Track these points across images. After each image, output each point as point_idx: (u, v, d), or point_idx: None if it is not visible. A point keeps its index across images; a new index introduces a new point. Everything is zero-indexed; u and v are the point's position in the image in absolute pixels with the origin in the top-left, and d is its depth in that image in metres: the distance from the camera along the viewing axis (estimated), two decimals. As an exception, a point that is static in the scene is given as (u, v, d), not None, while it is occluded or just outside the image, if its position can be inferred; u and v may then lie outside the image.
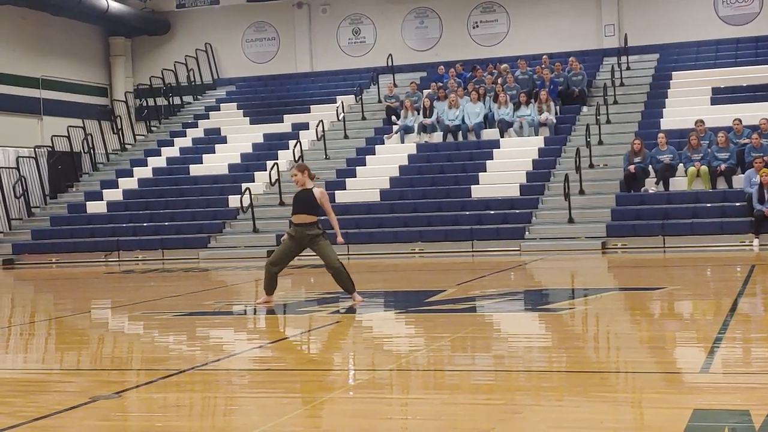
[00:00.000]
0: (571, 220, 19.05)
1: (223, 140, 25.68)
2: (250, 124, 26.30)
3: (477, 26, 27.46)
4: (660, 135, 19.92)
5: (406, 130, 23.35)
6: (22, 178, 23.97)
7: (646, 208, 19.04)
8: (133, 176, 24.55)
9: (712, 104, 22.26)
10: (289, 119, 25.88)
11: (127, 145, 27.27)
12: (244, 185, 21.95)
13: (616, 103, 23.21)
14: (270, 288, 10.82)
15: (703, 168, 19.15)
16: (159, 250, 20.86)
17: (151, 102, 28.34)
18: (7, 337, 9.86)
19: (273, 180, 22.26)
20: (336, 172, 22.57)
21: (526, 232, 19.12)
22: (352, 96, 26.40)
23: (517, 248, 18.56)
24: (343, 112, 25.30)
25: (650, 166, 19.63)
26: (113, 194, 23.79)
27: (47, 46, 27.03)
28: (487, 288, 12.48)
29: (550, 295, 11.99)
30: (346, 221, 20.50)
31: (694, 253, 17.02)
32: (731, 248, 17.37)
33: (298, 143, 23.51)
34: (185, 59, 28.66)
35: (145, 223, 22.01)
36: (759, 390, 5.81)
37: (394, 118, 24.20)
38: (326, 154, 23.54)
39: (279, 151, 24.00)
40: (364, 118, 25.30)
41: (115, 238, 21.57)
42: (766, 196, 17.61)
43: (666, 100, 23.07)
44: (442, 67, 25.57)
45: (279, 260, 10.76)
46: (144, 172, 24.64)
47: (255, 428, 5.24)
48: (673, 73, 24.28)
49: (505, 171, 21.07)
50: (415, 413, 5.60)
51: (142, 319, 10.48)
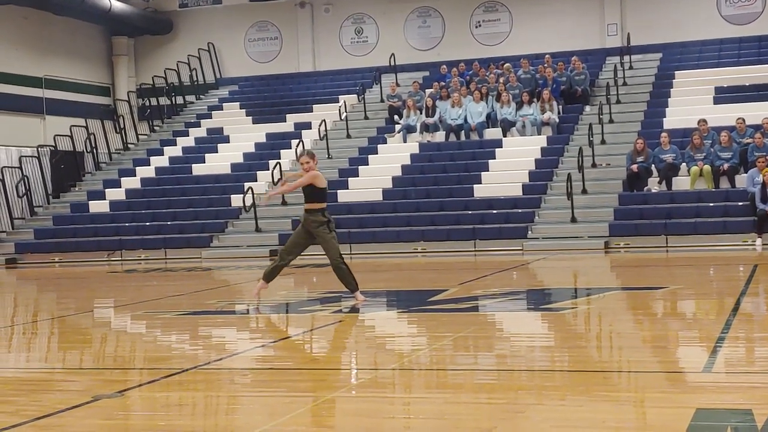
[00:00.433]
0: (573, 220, 19.04)
1: (226, 140, 25.69)
2: (253, 124, 26.31)
3: (479, 26, 27.45)
4: (663, 134, 19.91)
5: (409, 130, 23.35)
6: (25, 178, 24.00)
7: (649, 208, 19.02)
8: (135, 176, 24.56)
9: (714, 103, 22.24)
10: (292, 119, 25.89)
11: (129, 145, 27.28)
12: (247, 185, 21.95)
13: (618, 102, 23.19)
14: (270, 276, 10.90)
15: (706, 167, 19.13)
16: (162, 250, 20.88)
17: (153, 101, 28.35)
18: (10, 336, 9.87)
19: (275, 179, 22.25)
20: (338, 172, 22.57)
21: (529, 232, 19.11)
22: (355, 95, 26.41)
23: (520, 248, 18.55)
24: (346, 112, 25.30)
25: (653, 166, 19.62)
26: (116, 194, 23.81)
27: (50, 46, 27.05)
28: (490, 287, 12.47)
29: (552, 295, 11.99)
30: (349, 220, 20.53)
31: (696, 253, 17.00)
32: (734, 248, 17.35)
33: (301, 143, 23.52)
34: (188, 59, 28.67)
35: (148, 223, 22.02)
36: (761, 389, 5.81)
37: (396, 117, 24.20)
38: (329, 154, 23.54)
39: (281, 151, 24.02)
40: (366, 118, 25.30)
41: (118, 237, 21.59)
42: (769, 196, 17.58)
43: (669, 100, 23.05)
44: (445, 67, 25.56)
45: (291, 248, 10.90)
46: (147, 172, 24.65)
47: (257, 427, 5.24)
48: (675, 72, 24.27)
49: (508, 170, 21.07)
50: (418, 412, 5.60)
51: (144, 318, 10.48)
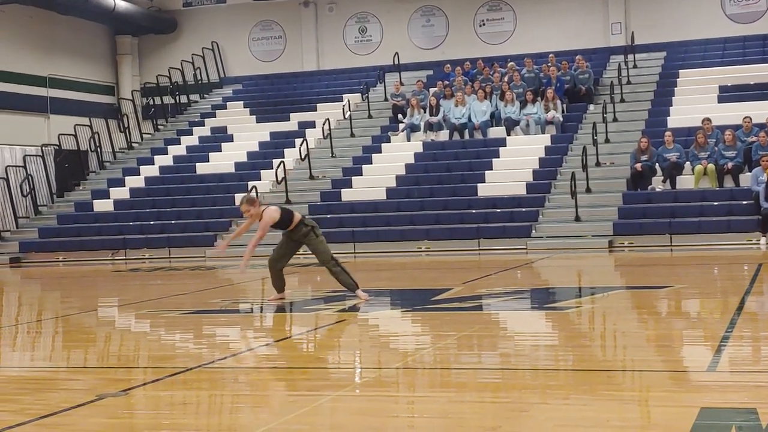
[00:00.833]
0: (577, 219, 19.02)
1: (230, 139, 25.70)
2: (257, 123, 26.32)
3: (483, 24, 27.43)
4: (667, 133, 19.88)
5: (413, 129, 23.34)
6: (29, 177, 24.01)
7: (653, 207, 19.00)
8: (139, 174, 24.58)
9: (719, 102, 22.21)
10: (296, 117, 25.89)
11: (133, 144, 27.30)
12: (251, 183, 21.97)
13: (623, 101, 23.16)
14: (279, 286, 10.93)
15: (710, 166, 19.11)
16: (166, 249, 20.89)
17: (157, 100, 28.37)
18: (15, 335, 9.89)
19: (279, 178, 22.26)
20: (342, 171, 22.58)
21: (533, 231, 19.10)
22: (359, 94, 26.40)
23: (524, 246, 18.54)
24: (350, 111, 25.30)
25: (657, 165, 19.60)
26: (120, 192, 23.82)
27: (54, 45, 27.07)
28: (494, 286, 12.47)
29: (556, 294, 11.99)
30: (353, 219, 20.54)
31: (701, 252, 16.99)
32: (738, 246, 17.33)
33: (305, 141, 23.52)
34: (192, 58, 28.68)
35: (152, 222, 22.04)
36: (766, 388, 5.80)
37: (400, 116, 24.19)
38: (332, 153, 23.54)
39: (285, 150, 24.02)
40: (370, 117, 25.30)
41: (122, 236, 21.60)
42: (774, 195, 17.56)
43: (673, 98, 23.02)
44: (449, 66, 25.55)
45: (278, 257, 10.91)
46: (151, 171, 24.66)
47: (262, 426, 5.24)
48: (680, 71, 24.24)
49: (512, 169, 21.05)
50: (422, 411, 5.60)
51: (148, 317, 10.49)
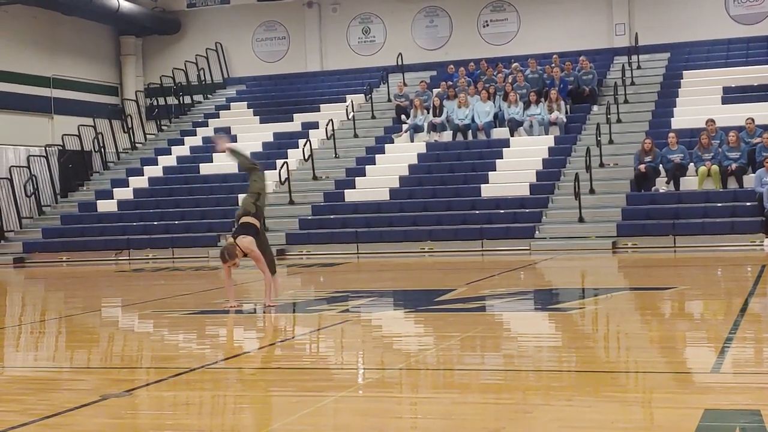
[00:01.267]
0: (581, 220, 19.01)
1: (234, 139, 25.62)
2: (260, 123, 26.32)
3: (487, 25, 27.42)
4: (671, 134, 19.87)
5: (416, 129, 23.34)
6: (33, 177, 24.04)
7: (657, 208, 18.99)
8: (143, 175, 24.59)
9: (723, 103, 22.18)
10: (299, 118, 25.90)
11: (137, 144, 27.32)
12: (254, 184, 21.94)
13: (626, 102, 23.15)
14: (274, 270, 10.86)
15: (714, 167, 19.09)
16: (169, 249, 20.90)
17: (161, 101, 28.39)
18: (18, 335, 9.90)
19: (283, 179, 22.28)
20: (345, 171, 22.58)
21: (536, 232, 19.08)
22: (362, 95, 26.40)
23: (527, 247, 18.53)
24: (353, 111, 25.30)
25: (661, 166, 19.58)
26: (124, 193, 23.84)
27: (58, 46, 27.10)
28: (497, 287, 12.47)
29: (560, 295, 11.98)
30: (356, 220, 20.53)
31: (704, 253, 16.97)
32: (742, 248, 17.31)
33: (308, 142, 23.53)
34: (196, 58, 28.70)
35: (156, 222, 22.05)
36: (770, 390, 5.80)
37: (403, 117, 24.19)
38: (336, 153, 23.55)
39: (289, 150, 24.03)
40: (374, 117, 25.30)
41: (126, 236, 21.61)
42: (777, 196, 17.54)
43: (677, 99, 23.00)
44: (452, 66, 25.54)
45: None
46: (154, 171, 24.68)
47: (265, 427, 5.25)
48: (683, 72, 24.22)
49: (515, 170, 21.04)
50: (425, 412, 5.60)
51: (152, 317, 10.50)
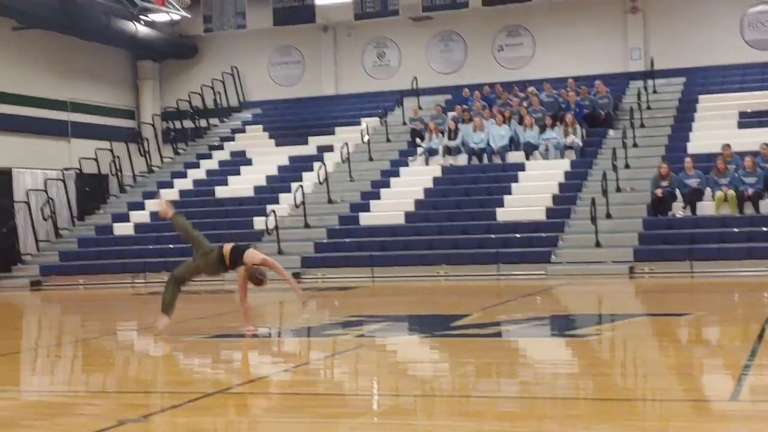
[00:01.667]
0: (597, 244, 18.94)
1: (249, 162, 25.79)
2: (276, 147, 26.40)
3: (502, 49, 27.47)
4: (687, 159, 19.81)
5: (431, 153, 23.36)
6: (51, 200, 24.15)
7: (674, 233, 18.91)
8: (160, 198, 24.64)
9: (738, 128, 22.12)
10: (314, 141, 25.96)
11: (154, 168, 27.43)
12: (270, 207, 22.01)
13: (642, 126, 23.11)
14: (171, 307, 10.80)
15: (730, 192, 19.01)
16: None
17: (178, 125, 28.53)
18: (34, 359, 9.91)
19: (298, 202, 22.32)
20: (360, 194, 22.60)
21: (552, 256, 19.03)
22: (377, 118, 26.45)
23: (543, 272, 18.47)
24: (368, 135, 25.34)
25: (677, 191, 19.52)
26: (140, 216, 23.91)
27: (76, 70, 27.28)
28: (513, 312, 12.42)
29: (576, 321, 11.93)
30: (371, 243, 20.52)
31: (721, 279, 16.88)
32: (759, 273, 17.19)
33: (323, 165, 23.57)
34: (212, 82, 28.84)
35: (172, 245, 22.06)
36: (789, 419, 5.74)
37: (418, 140, 24.22)
38: (351, 177, 23.58)
39: (304, 173, 24.07)
40: (388, 141, 25.33)
41: (142, 259, 21.65)
42: (795, 221, 17.45)
43: (693, 124, 22.95)
44: (467, 90, 25.58)
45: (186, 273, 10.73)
46: (171, 194, 24.71)
47: (280, 454, 5.22)
48: (699, 96, 24.17)
49: (531, 194, 21.01)
50: (441, 440, 5.57)
51: (168, 341, 10.50)
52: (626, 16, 26.38)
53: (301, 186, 22.63)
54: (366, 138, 25.17)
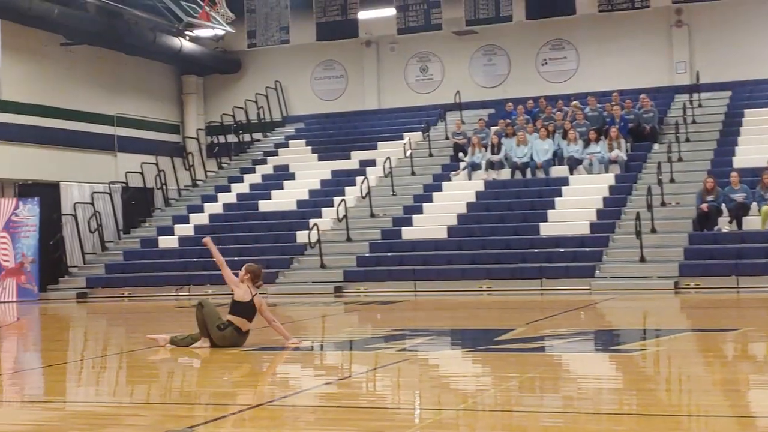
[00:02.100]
0: (642, 259, 18.79)
1: (292, 176, 25.93)
2: (318, 161, 26.52)
3: (546, 63, 27.39)
4: (733, 173, 19.60)
5: (474, 167, 23.32)
6: (97, 213, 24.45)
7: (719, 248, 18.71)
8: (204, 212, 24.88)
9: (785, 142, 21.86)
10: (357, 156, 26.05)
11: (198, 182, 27.68)
12: (312, 221, 22.11)
13: (688, 140, 22.91)
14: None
15: (777, 207, 18.78)
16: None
17: (221, 139, 28.77)
18: (80, 370, 10.03)
19: (340, 216, 22.39)
20: (403, 209, 22.62)
21: (597, 271, 18.90)
22: (420, 133, 26.49)
23: (587, 287, 18.35)
24: (411, 149, 25.38)
25: (723, 205, 19.31)
26: (185, 229, 24.12)
27: (122, 85, 27.64)
28: (558, 327, 12.34)
29: (621, 336, 11.83)
30: (413, 258, 20.52)
31: (768, 294, 16.66)
32: (807, 289, 16.95)
33: (366, 179, 23.63)
34: (255, 97, 29.07)
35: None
36: (839, 437, 5.65)
37: (461, 154, 24.20)
38: (393, 191, 23.61)
39: (346, 188, 24.16)
40: (431, 155, 25.35)
41: (186, 272, 21.84)
42: (844, 236, 17.18)
43: (738, 138, 22.72)
44: (511, 104, 25.53)
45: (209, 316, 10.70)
46: (215, 208, 24.96)
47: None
48: (745, 110, 23.92)
49: (575, 208, 20.90)
50: (484, 454, 5.55)
51: (211, 353, 10.56)
52: (671, 29, 26.19)
53: (344, 200, 22.71)
54: (408, 152, 25.20)
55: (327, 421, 6.71)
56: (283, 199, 24.53)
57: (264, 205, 24.42)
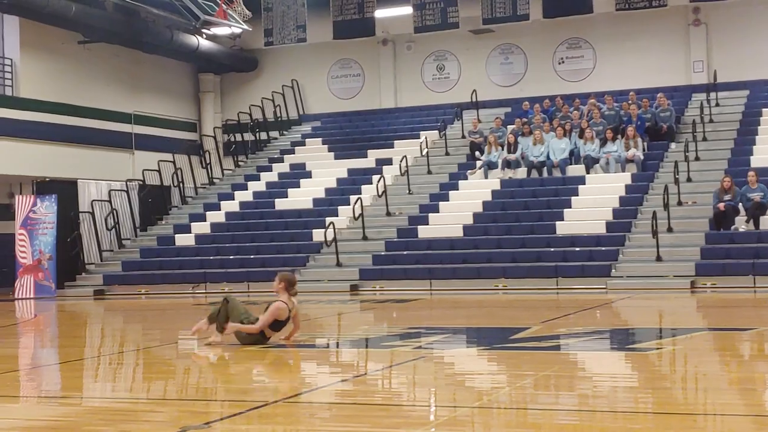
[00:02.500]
0: (659, 258, 18.73)
1: (308, 175, 25.98)
2: (335, 159, 26.56)
3: (563, 62, 27.34)
4: (750, 173, 19.52)
5: (490, 166, 23.31)
6: (114, 211, 24.56)
7: (736, 247, 18.63)
8: (220, 210, 24.96)
9: (804, 141, 21.77)
10: (373, 154, 26.07)
11: (215, 180, 27.77)
12: (328, 219, 22.13)
13: (705, 139, 22.82)
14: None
15: (796, 206, 18.69)
16: (245, 283, 21.11)
17: (238, 137, 28.84)
18: (97, 367, 10.09)
19: (357, 214, 22.41)
20: (419, 207, 22.63)
21: (613, 270, 18.86)
22: (436, 131, 26.49)
23: (603, 286, 18.31)
24: (427, 148, 25.38)
25: (740, 204, 19.24)
26: (201, 227, 24.20)
27: (139, 83, 27.76)
28: (573, 326, 12.33)
29: (637, 335, 11.81)
30: (429, 256, 20.52)
31: (786, 294, 16.58)
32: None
33: (382, 178, 23.65)
34: (272, 95, 29.13)
35: (232, 256, 22.33)
36: None
37: (477, 153, 24.19)
38: (409, 189, 23.62)
39: (363, 186, 24.18)
40: (447, 154, 25.34)
41: (203, 270, 21.92)
42: None
43: (756, 137, 22.61)
44: (527, 103, 25.50)
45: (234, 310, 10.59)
46: (231, 206, 25.03)
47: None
48: (763, 109, 23.80)
49: (591, 207, 20.86)
50: (499, 451, 5.56)
51: (227, 350, 10.60)
52: (689, 28, 26.11)
53: (360, 198, 22.73)
54: (425, 151, 25.21)
55: (343, 418, 6.73)
56: (300, 198, 24.58)
57: (280, 204, 24.47)
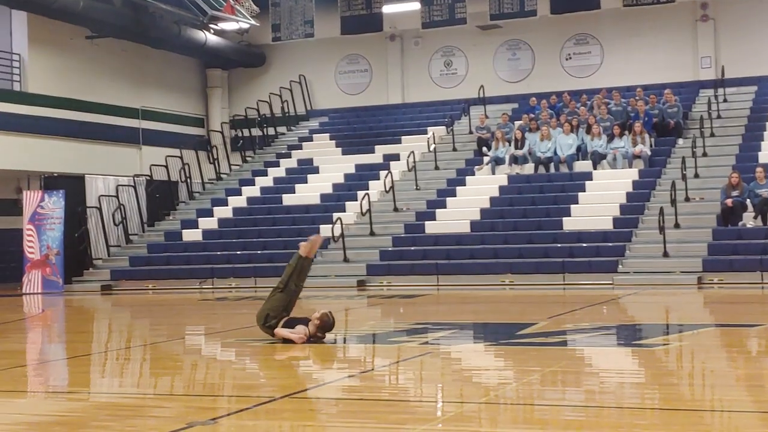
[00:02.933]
0: (666, 254, 18.71)
1: (316, 170, 25.99)
2: (342, 155, 26.57)
3: (570, 58, 27.31)
4: (758, 168, 19.48)
5: (497, 162, 23.29)
6: (121, 206, 24.60)
7: (744, 243, 18.60)
8: (227, 205, 24.99)
9: (812, 137, 21.70)
10: (381, 150, 26.06)
11: (222, 175, 27.79)
12: (336, 215, 22.14)
13: (712, 135, 22.78)
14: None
15: (804, 202, 18.64)
16: (252, 278, 21.14)
17: (246, 132, 28.87)
18: (104, 362, 10.12)
19: (364, 210, 22.41)
20: (426, 203, 22.62)
21: (620, 266, 18.84)
22: (443, 127, 26.48)
23: (610, 282, 18.30)
24: (434, 143, 25.37)
25: (748, 200, 19.20)
26: (208, 223, 24.24)
27: (147, 78, 27.80)
28: (580, 322, 12.33)
29: (643, 331, 11.80)
30: (437, 252, 20.53)
31: (793, 290, 16.56)
32: (833, 285, 16.84)
33: (389, 174, 23.65)
34: (280, 91, 29.14)
35: (239, 251, 22.35)
36: None
37: (485, 149, 24.17)
38: (417, 185, 23.62)
39: (370, 182, 24.18)
40: (455, 149, 25.33)
41: (210, 265, 21.95)
42: None
43: (764, 133, 22.55)
44: (534, 99, 25.48)
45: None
46: (238, 201, 25.06)
47: (345, 458, 5.27)
48: (771, 105, 23.77)
49: (598, 203, 20.84)
50: (506, 447, 5.56)
51: (235, 345, 10.63)
52: (696, 24, 26.06)
53: (367, 194, 22.73)
54: (432, 147, 25.20)
55: (349, 414, 6.74)
56: (307, 193, 24.59)
57: (288, 199, 24.49)
